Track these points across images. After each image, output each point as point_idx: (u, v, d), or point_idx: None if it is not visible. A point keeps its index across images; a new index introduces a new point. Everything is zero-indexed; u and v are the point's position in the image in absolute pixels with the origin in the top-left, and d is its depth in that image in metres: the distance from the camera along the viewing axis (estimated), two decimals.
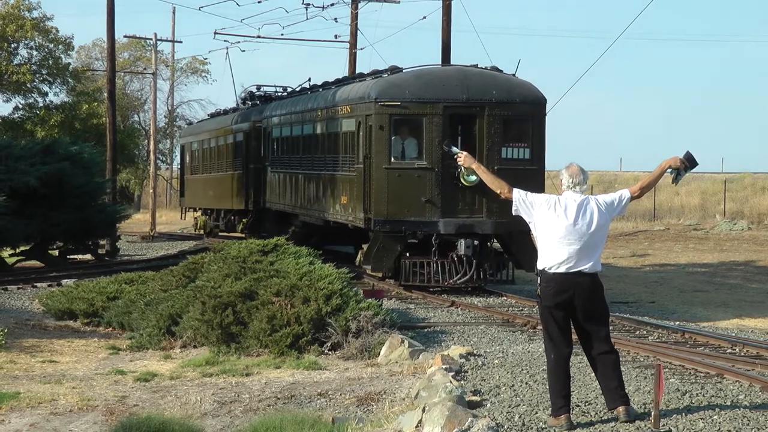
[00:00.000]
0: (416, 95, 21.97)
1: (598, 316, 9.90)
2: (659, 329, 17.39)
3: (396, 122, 22.09)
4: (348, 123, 24.12)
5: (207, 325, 16.50)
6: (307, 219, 28.04)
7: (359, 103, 23.24)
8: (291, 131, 29.96)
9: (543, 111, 22.53)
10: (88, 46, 77.83)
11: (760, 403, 10.72)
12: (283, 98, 33.83)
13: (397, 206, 21.77)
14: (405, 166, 21.90)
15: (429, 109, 21.77)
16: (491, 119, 21.77)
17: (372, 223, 22.00)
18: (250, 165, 33.65)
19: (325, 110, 26.33)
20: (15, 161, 29.25)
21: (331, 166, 25.47)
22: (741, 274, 32.43)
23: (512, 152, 21.99)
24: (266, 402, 12.52)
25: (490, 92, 22.02)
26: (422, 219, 21.55)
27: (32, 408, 12.53)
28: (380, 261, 21.97)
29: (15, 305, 22.89)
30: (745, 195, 57.51)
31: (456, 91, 21.95)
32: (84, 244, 32.34)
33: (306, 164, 27.93)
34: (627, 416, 9.73)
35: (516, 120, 22.19)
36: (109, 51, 39.42)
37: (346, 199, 23.88)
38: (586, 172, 9.95)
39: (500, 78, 22.82)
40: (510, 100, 22.09)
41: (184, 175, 45.70)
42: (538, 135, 22.31)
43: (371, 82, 23.49)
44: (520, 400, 10.86)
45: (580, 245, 9.69)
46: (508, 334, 16.62)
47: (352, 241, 27.05)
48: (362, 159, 22.55)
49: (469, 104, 21.89)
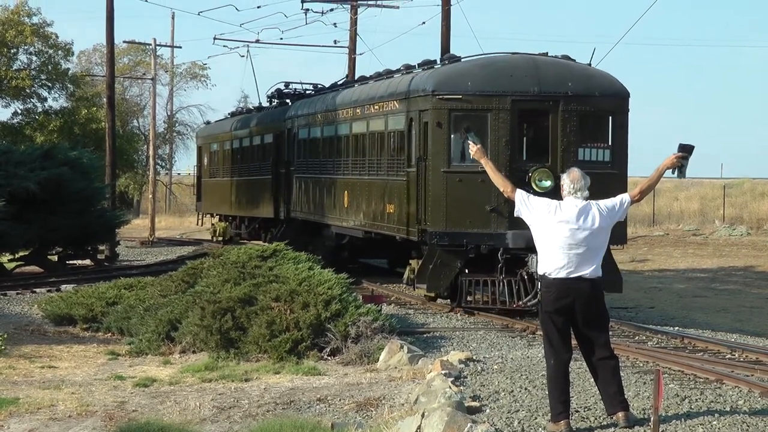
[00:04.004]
0: (480, 87, 19.28)
1: (598, 321, 9.90)
2: (658, 334, 17.40)
3: (456, 118, 19.42)
4: (396, 120, 21.60)
5: (206, 330, 16.50)
6: (342, 231, 25.50)
7: (411, 97, 20.62)
8: (322, 132, 27.20)
9: (626, 106, 19.85)
10: (88, 51, 78.11)
11: (759, 409, 10.71)
12: (314, 96, 30.92)
13: (457, 216, 19.13)
14: (467, 169, 19.09)
15: (495, 104, 19.09)
16: (566, 115, 19.11)
17: (428, 235, 19.44)
18: (280, 169, 31.30)
19: (365, 107, 23.66)
20: (14, 166, 29.25)
21: (374, 170, 22.97)
22: (740, 280, 32.45)
23: (590, 153, 19.38)
24: (265, 407, 12.51)
25: (565, 84, 19.33)
26: (487, 231, 18.95)
27: (31, 413, 12.53)
28: (437, 279, 19.34)
29: (14, 311, 22.88)
30: (744, 200, 57.50)
31: (526, 83, 19.25)
32: (83, 249, 32.28)
33: (340, 168, 25.37)
34: (626, 422, 9.73)
35: (595, 116, 19.59)
36: (109, 56, 39.50)
37: (393, 207, 21.36)
38: (587, 178, 9.95)
39: (576, 68, 20.14)
40: (588, 93, 19.44)
41: (201, 179, 42.97)
42: (619, 134, 19.69)
43: (426, 72, 20.80)
44: (520, 405, 10.85)
45: (580, 251, 9.69)
46: (507, 340, 16.60)
47: (387, 254, 25.77)
48: (415, 161, 20.10)
49: (542, 98, 19.21)
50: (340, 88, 27.88)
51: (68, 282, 26.81)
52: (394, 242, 22.07)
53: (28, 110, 59.21)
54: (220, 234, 39.73)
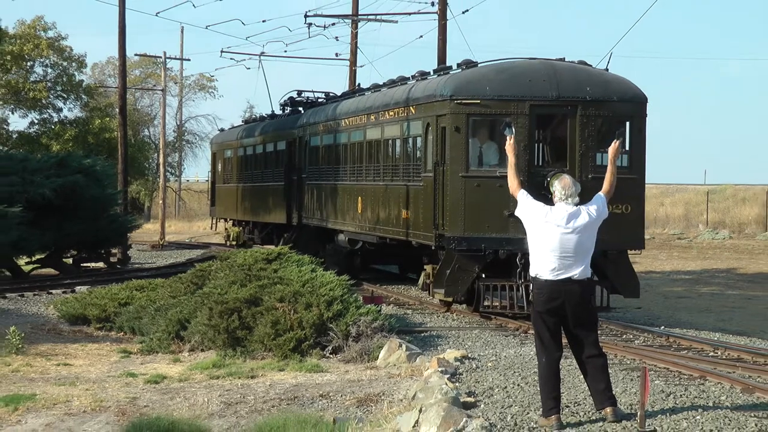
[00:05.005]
0: (498, 92, 18.48)
1: (588, 321, 9.93)
2: (645, 333, 17.39)
3: (474, 123, 18.68)
4: (412, 126, 20.89)
5: (214, 329, 16.50)
6: (355, 236, 24.68)
7: (428, 102, 19.79)
8: (335, 139, 26.37)
9: (644, 111, 19.02)
10: (101, 64, 78.04)
11: (741, 404, 10.73)
12: (326, 104, 30.09)
13: (475, 221, 18.34)
14: (485, 174, 18.41)
15: (513, 108, 18.29)
16: (585, 120, 18.35)
17: (445, 240, 18.65)
18: (292, 176, 30.54)
19: (379, 113, 22.89)
20: (31, 174, 29.36)
21: (389, 175, 22.18)
22: (722, 281, 32.43)
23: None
24: (270, 403, 12.51)
25: (583, 89, 18.56)
26: (505, 236, 18.09)
27: (47, 409, 12.53)
28: (455, 284, 18.45)
29: (31, 311, 22.88)
30: (727, 206, 57.58)
31: (544, 88, 18.44)
32: (96, 252, 32.30)
33: (354, 174, 24.62)
34: (614, 417, 9.74)
35: (613, 121, 18.61)
36: (121, 68, 39.51)
37: (409, 213, 20.64)
38: (578, 184, 10.06)
39: (594, 73, 19.29)
40: (606, 98, 18.62)
41: (216, 184, 42.00)
42: (637, 139, 18.83)
43: (443, 78, 19.98)
44: (513, 401, 10.86)
45: (570, 253, 9.74)
46: (501, 338, 16.59)
47: (398, 260, 25.26)
48: (432, 166, 19.23)
49: (560, 103, 18.42)
50: (353, 96, 27.32)
51: (82, 284, 26.82)
52: (406, 248, 21.55)
53: (44, 120, 59.26)
54: (234, 238, 38.92)
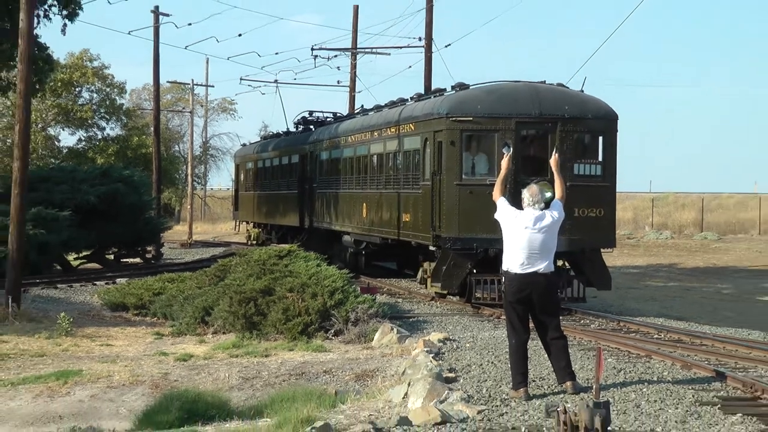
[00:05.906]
0: (488, 111, 18.33)
1: (551, 309, 9.96)
2: (599, 319, 17.36)
3: (467, 138, 18.51)
4: (411, 141, 20.57)
5: (233, 315, 16.48)
6: (360, 238, 24.29)
7: (426, 119, 19.62)
8: (342, 153, 26.11)
9: (615, 126, 18.82)
10: (138, 90, 77.98)
11: (680, 379, 10.73)
12: (334, 122, 29.76)
13: (468, 223, 18.18)
14: (477, 182, 18.21)
15: (501, 125, 18.17)
16: (564, 135, 18.15)
17: (441, 240, 18.48)
18: (305, 185, 30.11)
19: (382, 129, 22.63)
20: (79, 183, 29.60)
21: (390, 184, 21.85)
22: (665, 275, 32.46)
23: (584, 168, 18.31)
24: (282, 378, 12.49)
25: (562, 108, 18.40)
26: (494, 236, 17.32)
27: (92, 382, 12.51)
28: (450, 279, 18.39)
29: (78, 299, 22.84)
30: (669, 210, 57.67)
31: (528, 107, 18.30)
32: (134, 249, 32.36)
33: (359, 183, 24.26)
34: (574, 389, 9.75)
35: (588, 136, 18.61)
36: (155, 94, 39.62)
37: (410, 216, 20.33)
38: (544, 193, 10.21)
39: (571, 93, 19.10)
40: (582, 116, 18.44)
41: (238, 192, 41.29)
42: (609, 151, 18.64)
43: (440, 98, 19.76)
44: (487, 376, 10.84)
45: (536, 251, 9.78)
46: (478, 323, 16.55)
47: (397, 259, 25.03)
48: (430, 175, 19.04)
49: (542, 120, 18.23)
50: (357, 115, 27.11)
51: (122, 276, 26.77)
52: (405, 248, 21.33)
53: (90, 137, 59.22)
54: (254, 239, 38.75)
